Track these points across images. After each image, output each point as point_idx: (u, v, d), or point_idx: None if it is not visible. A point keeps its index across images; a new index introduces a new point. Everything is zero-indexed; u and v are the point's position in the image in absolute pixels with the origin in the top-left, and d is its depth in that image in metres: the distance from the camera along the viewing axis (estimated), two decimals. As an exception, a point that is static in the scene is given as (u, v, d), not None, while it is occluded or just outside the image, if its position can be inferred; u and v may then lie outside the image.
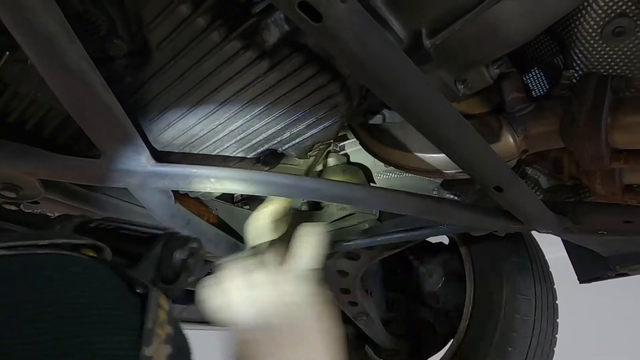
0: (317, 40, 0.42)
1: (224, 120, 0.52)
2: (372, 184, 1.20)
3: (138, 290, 0.31)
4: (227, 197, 1.16)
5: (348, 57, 0.38)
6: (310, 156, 1.23)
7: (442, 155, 0.74)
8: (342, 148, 1.27)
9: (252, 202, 1.18)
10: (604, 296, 1.96)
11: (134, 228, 0.39)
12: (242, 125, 0.53)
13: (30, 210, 0.80)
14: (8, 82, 0.46)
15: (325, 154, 1.21)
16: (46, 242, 0.29)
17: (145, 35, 0.42)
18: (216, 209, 0.92)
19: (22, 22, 0.33)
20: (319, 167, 1.24)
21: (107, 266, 0.32)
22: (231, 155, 0.61)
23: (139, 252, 0.37)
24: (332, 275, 1.23)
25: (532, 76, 0.86)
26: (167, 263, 0.37)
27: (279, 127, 0.53)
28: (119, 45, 0.41)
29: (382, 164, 0.89)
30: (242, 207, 1.04)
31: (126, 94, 0.48)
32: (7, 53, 0.42)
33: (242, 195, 1.23)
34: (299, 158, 0.65)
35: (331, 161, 1.22)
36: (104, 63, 0.43)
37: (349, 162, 1.24)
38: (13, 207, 0.78)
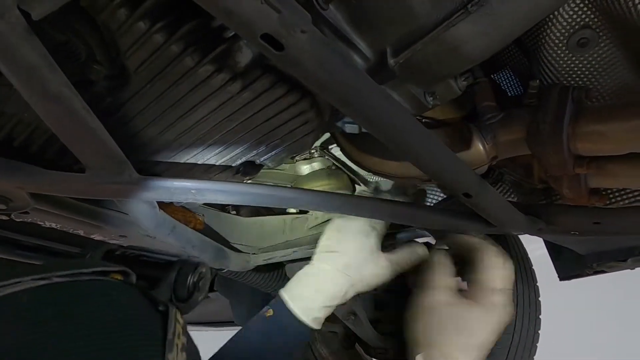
0: (281, 67, 0.45)
1: (201, 135, 0.55)
2: (344, 192, 1.22)
3: (160, 308, 0.39)
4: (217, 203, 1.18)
5: (311, 82, 0.41)
6: (296, 161, 1.26)
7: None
8: (328, 151, 1.30)
9: (241, 208, 1.21)
10: (589, 293, 2.00)
11: (152, 256, 0.45)
12: (218, 139, 0.56)
13: (21, 220, 0.83)
14: (-5, 104, 0.49)
15: (310, 157, 1.24)
16: (90, 270, 0.34)
17: (123, 61, 0.45)
18: (203, 215, 0.94)
19: (5, 56, 0.36)
20: (305, 171, 1.27)
21: (135, 289, 0.40)
22: (213, 164, 0.65)
23: (157, 276, 0.44)
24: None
25: (504, 76, 0.89)
26: (181, 285, 0.43)
27: (253, 141, 0.57)
28: (98, 70, 0.44)
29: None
30: (229, 213, 1.07)
31: (108, 113, 0.50)
32: (-7, 79, 0.45)
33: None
34: (277, 166, 0.69)
35: (316, 165, 1.26)
36: (85, 86, 0.46)
37: (334, 165, 1.28)
38: (4, 217, 0.80)
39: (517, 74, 0.85)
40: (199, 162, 0.60)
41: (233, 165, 0.62)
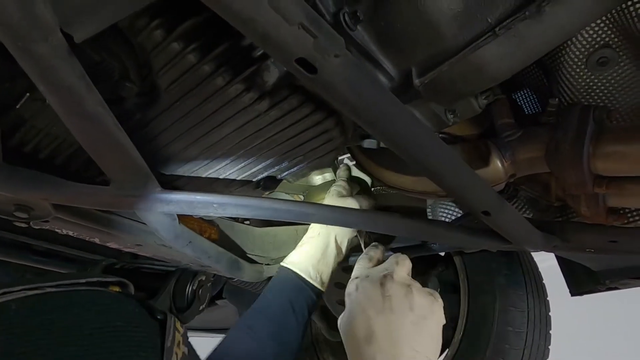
0: (313, 89, 0.45)
1: (225, 151, 0.55)
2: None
3: (158, 317, 0.38)
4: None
5: (341, 104, 0.41)
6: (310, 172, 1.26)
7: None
8: (342, 162, 1.30)
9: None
10: (597, 304, 1.98)
11: (151, 266, 0.45)
12: (242, 155, 0.56)
13: (39, 227, 0.83)
14: (26, 118, 0.50)
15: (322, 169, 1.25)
16: (84, 280, 0.34)
17: (155, 80, 0.45)
18: (217, 225, 0.95)
19: (46, 76, 0.36)
20: (318, 181, 1.28)
21: (131, 298, 0.39)
22: (235, 179, 0.65)
23: (157, 286, 0.43)
24: (330, 288, 1.27)
25: (523, 95, 0.89)
26: (180, 294, 0.43)
27: (277, 157, 0.57)
28: (130, 87, 0.45)
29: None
30: (242, 222, 1.07)
31: (135, 129, 0.51)
32: (27, 94, 0.46)
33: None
34: (296, 181, 0.69)
35: (329, 176, 1.26)
36: (116, 102, 0.47)
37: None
38: (23, 225, 0.81)
39: (535, 91, 0.85)
40: (220, 177, 0.61)
41: (254, 180, 0.63)
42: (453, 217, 1.09)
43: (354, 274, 0.72)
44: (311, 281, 0.85)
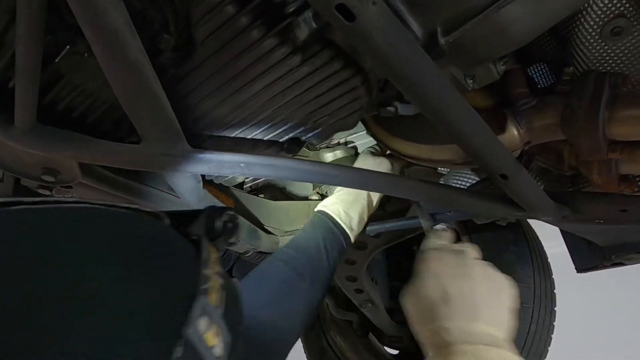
0: (349, 38, 0.46)
1: (255, 109, 0.57)
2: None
3: (193, 237, 0.40)
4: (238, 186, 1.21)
5: (375, 54, 0.43)
6: (319, 148, 1.28)
7: (452, 146, 0.80)
8: (351, 140, 1.32)
9: (264, 191, 1.24)
10: (601, 288, 2.01)
11: (183, 210, 0.47)
12: (270, 114, 0.58)
13: (61, 196, 0.85)
14: (63, 73, 0.51)
15: (333, 146, 1.26)
16: (125, 205, 0.36)
17: (192, 32, 0.47)
18: (234, 195, 0.96)
19: (96, 20, 0.38)
20: (329, 159, 1.29)
21: (167, 223, 0.41)
22: (261, 139, 0.66)
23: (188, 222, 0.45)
24: (340, 264, 1.29)
25: (538, 70, 0.91)
26: (210, 228, 0.44)
27: (304, 116, 0.58)
28: (168, 39, 0.46)
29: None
30: (257, 196, 1.09)
31: (169, 85, 0.52)
32: (68, 47, 0.47)
33: (250, 186, 1.29)
34: (316, 146, 0.70)
35: (339, 153, 1.28)
36: (153, 56, 0.48)
37: (357, 154, 1.30)
38: (46, 192, 0.83)
39: (549, 62, 0.86)
40: (247, 137, 0.62)
41: (280, 140, 0.64)
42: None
43: (425, 247, 0.74)
44: (342, 224, 0.89)
